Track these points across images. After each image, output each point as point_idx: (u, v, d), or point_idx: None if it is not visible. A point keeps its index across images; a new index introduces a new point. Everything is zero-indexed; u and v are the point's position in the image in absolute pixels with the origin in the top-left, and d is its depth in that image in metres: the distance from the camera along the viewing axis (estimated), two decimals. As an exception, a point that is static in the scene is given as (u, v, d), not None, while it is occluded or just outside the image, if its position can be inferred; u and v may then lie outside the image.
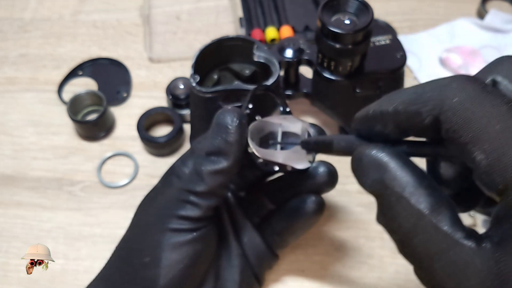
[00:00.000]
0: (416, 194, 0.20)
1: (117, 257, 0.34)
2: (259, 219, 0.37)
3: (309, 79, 0.44)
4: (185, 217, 0.31)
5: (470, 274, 0.19)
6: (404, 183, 0.21)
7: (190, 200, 0.31)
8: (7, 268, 0.41)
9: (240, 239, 0.36)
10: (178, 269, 0.31)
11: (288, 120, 0.33)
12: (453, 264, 0.19)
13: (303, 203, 0.35)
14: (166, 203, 0.32)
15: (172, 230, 0.31)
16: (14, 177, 0.47)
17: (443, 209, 0.20)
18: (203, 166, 0.30)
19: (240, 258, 0.36)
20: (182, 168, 0.33)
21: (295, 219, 0.35)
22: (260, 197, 0.37)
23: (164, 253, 0.30)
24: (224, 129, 0.30)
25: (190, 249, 0.31)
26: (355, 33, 0.37)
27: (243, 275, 0.35)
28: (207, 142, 0.31)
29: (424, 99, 0.21)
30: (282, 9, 0.56)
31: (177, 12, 0.59)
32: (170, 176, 0.33)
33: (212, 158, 0.30)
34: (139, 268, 0.31)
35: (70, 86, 0.53)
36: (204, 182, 0.30)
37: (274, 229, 0.36)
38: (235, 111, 0.31)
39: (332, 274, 0.41)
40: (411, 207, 0.20)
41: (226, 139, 0.30)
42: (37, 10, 0.60)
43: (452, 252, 0.19)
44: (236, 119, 0.30)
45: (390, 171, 0.21)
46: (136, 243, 0.32)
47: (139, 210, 0.34)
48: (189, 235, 0.31)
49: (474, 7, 0.59)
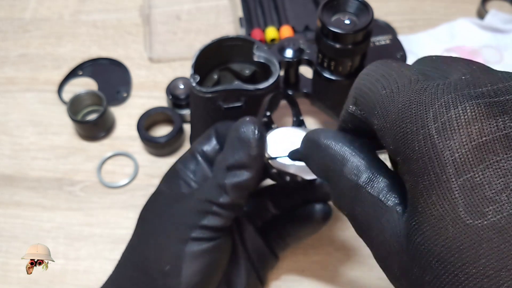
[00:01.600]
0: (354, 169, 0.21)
1: (129, 265, 0.33)
2: (261, 222, 0.38)
3: (309, 79, 0.44)
4: (208, 227, 0.31)
5: (394, 239, 0.18)
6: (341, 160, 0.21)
7: (213, 211, 0.31)
8: (7, 268, 0.41)
9: (244, 243, 0.36)
10: (199, 277, 0.31)
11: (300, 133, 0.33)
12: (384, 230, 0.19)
13: (312, 211, 0.35)
14: (185, 212, 0.32)
15: (194, 239, 0.31)
16: (14, 177, 0.47)
17: (379, 178, 0.20)
18: (226, 179, 0.30)
19: (246, 261, 0.36)
20: (186, 172, 0.33)
21: (303, 225, 0.36)
22: (264, 201, 0.38)
23: (185, 262, 0.30)
24: (246, 142, 0.30)
25: (209, 257, 0.31)
26: (355, 33, 0.37)
27: (249, 278, 0.36)
28: (228, 154, 0.31)
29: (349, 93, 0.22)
30: (282, 9, 0.56)
31: (177, 12, 0.59)
32: (176, 180, 0.33)
33: (234, 172, 0.30)
34: (158, 277, 0.31)
35: (70, 86, 0.53)
36: (227, 195, 0.30)
37: (279, 233, 0.37)
38: (255, 122, 0.30)
39: (332, 274, 0.41)
40: (350, 181, 0.21)
41: (249, 153, 0.30)
42: (37, 10, 0.60)
43: (384, 219, 0.19)
44: (257, 131, 0.30)
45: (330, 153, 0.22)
46: (152, 252, 0.32)
47: (146, 215, 0.34)
48: (209, 244, 0.31)
49: (474, 7, 0.59)
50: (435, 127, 0.16)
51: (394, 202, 0.19)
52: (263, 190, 0.38)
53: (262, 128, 0.31)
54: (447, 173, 0.16)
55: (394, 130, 0.18)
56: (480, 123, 0.16)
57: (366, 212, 0.20)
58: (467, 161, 0.16)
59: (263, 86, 0.38)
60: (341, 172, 0.21)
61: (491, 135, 0.16)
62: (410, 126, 0.17)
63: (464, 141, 0.16)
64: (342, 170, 0.21)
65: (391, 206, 0.19)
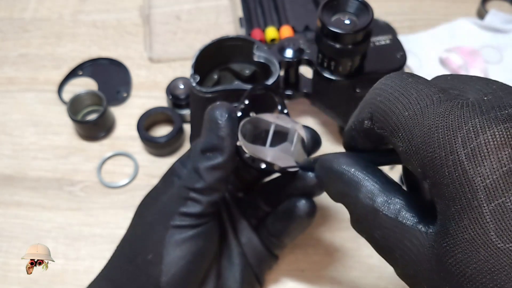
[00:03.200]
0: (369, 193, 0.21)
1: (119, 255, 0.34)
2: (256, 221, 0.37)
3: (309, 79, 0.44)
4: (187, 214, 0.31)
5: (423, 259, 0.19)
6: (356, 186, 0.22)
7: (191, 197, 0.31)
8: (7, 268, 0.41)
9: (239, 239, 0.36)
10: (180, 265, 0.31)
11: (282, 120, 0.33)
12: (409, 251, 0.19)
13: (293, 207, 0.35)
14: (167, 201, 0.32)
15: (175, 227, 0.31)
16: (14, 177, 0.47)
17: (395, 200, 0.20)
18: (200, 163, 0.31)
19: (241, 257, 0.36)
20: (182, 168, 0.33)
21: (288, 222, 0.35)
22: (256, 199, 0.38)
23: (166, 249, 0.31)
24: (215, 124, 0.31)
25: (192, 245, 0.31)
26: (355, 33, 0.37)
27: (244, 274, 0.36)
28: (201, 139, 0.31)
29: (363, 106, 0.22)
30: (282, 9, 0.56)
31: (177, 12, 0.59)
32: (171, 176, 0.33)
33: (207, 155, 0.31)
34: (142, 266, 0.31)
35: (70, 86, 0.53)
36: (203, 179, 0.31)
37: (269, 231, 0.36)
38: (224, 105, 0.31)
39: (332, 274, 0.41)
40: (366, 206, 0.21)
41: (218, 134, 0.30)
42: (37, 10, 0.60)
43: (406, 240, 0.19)
44: (225, 113, 0.31)
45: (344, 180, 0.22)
46: (139, 242, 0.33)
47: (140, 210, 0.35)
48: (191, 231, 0.31)
49: (474, 7, 0.59)
50: (465, 153, 0.17)
51: (414, 221, 0.20)
52: (255, 188, 0.38)
53: (232, 110, 0.31)
54: (479, 199, 0.16)
55: (421, 155, 0.18)
56: (510, 148, 0.16)
57: (386, 234, 0.20)
58: (498, 186, 0.16)
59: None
60: (357, 197, 0.22)
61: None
62: (438, 151, 0.17)
63: (494, 167, 0.16)
64: (357, 195, 0.21)
65: (411, 226, 0.19)
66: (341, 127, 0.48)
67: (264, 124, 0.33)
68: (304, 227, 0.36)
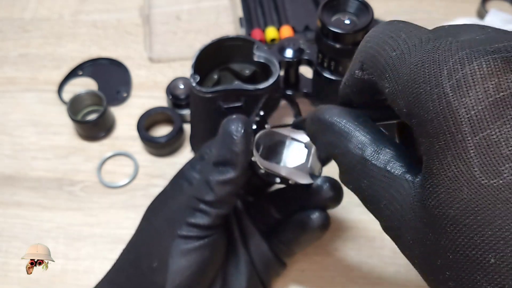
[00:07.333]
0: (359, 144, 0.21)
1: (124, 260, 0.33)
2: (265, 227, 0.37)
3: (309, 79, 0.44)
4: (195, 225, 0.31)
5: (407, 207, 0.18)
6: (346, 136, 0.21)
7: (200, 208, 0.31)
8: (7, 268, 0.41)
9: (247, 246, 0.36)
10: (186, 275, 0.31)
11: (297, 134, 0.33)
12: (394, 200, 0.19)
13: (308, 219, 0.34)
14: (176, 209, 0.32)
15: (181, 237, 0.31)
16: (14, 177, 0.47)
17: (385, 150, 0.20)
18: (211, 176, 0.30)
19: (248, 265, 0.35)
20: (192, 172, 0.33)
21: (301, 233, 0.35)
22: (267, 205, 0.37)
23: (172, 258, 0.30)
24: (230, 138, 0.30)
25: (198, 255, 0.31)
26: (355, 33, 0.37)
27: (250, 282, 0.35)
28: (214, 151, 0.31)
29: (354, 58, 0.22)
30: (282, 9, 0.56)
31: (177, 12, 0.59)
32: (180, 180, 0.33)
33: (220, 168, 0.30)
34: (147, 273, 0.31)
35: (70, 86, 0.53)
36: (213, 192, 0.30)
37: (280, 239, 0.36)
38: (241, 119, 0.30)
39: (332, 274, 0.41)
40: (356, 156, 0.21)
41: (232, 149, 0.30)
42: (37, 10, 0.60)
43: (393, 189, 0.19)
44: (241, 128, 0.30)
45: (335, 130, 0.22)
46: (145, 248, 0.32)
47: (148, 214, 0.34)
48: (197, 242, 0.31)
49: (474, 7, 0.59)
50: (450, 84, 0.16)
51: (402, 171, 0.19)
52: (267, 195, 0.38)
53: (249, 125, 0.31)
54: (463, 131, 0.15)
55: (407, 92, 0.17)
56: (497, 78, 0.15)
57: (373, 184, 0.20)
58: (483, 118, 0.15)
59: (263, 86, 0.38)
60: (346, 148, 0.21)
61: (509, 90, 0.15)
62: (423, 86, 0.17)
63: (480, 97, 0.15)
64: (347, 146, 0.21)
65: (399, 175, 0.19)
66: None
67: (278, 135, 0.33)
68: (316, 238, 0.36)
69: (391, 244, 0.22)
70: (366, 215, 0.43)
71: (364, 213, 0.43)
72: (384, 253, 0.41)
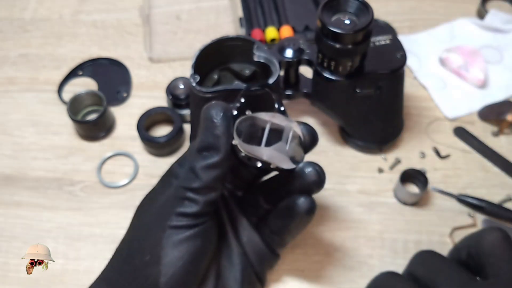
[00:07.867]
0: None
1: (118, 257, 0.34)
2: (256, 219, 0.37)
3: (309, 79, 0.44)
4: (184, 214, 0.31)
5: None
6: None
7: (187, 197, 0.31)
8: (7, 268, 0.41)
9: (239, 238, 0.36)
10: (179, 266, 0.31)
11: (277, 118, 0.33)
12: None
13: (293, 204, 0.34)
14: (165, 202, 0.32)
15: (172, 228, 0.31)
16: (14, 177, 0.47)
17: None
18: (196, 162, 0.31)
19: (241, 256, 0.36)
20: (179, 169, 0.33)
21: (288, 219, 0.35)
22: (256, 197, 0.38)
23: (164, 250, 0.31)
24: (210, 122, 0.31)
25: (190, 245, 0.31)
26: (355, 33, 0.37)
27: (244, 274, 0.35)
28: (197, 139, 0.31)
29: None
30: (282, 9, 0.56)
31: (177, 12, 0.59)
32: (168, 177, 0.33)
33: (203, 154, 0.31)
34: (140, 267, 0.31)
35: (70, 86, 0.53)
36: (199, 178, 0.31)
37: (271, 228, 0.36)
38: (219, 104, 0.31)
39: (332, 274, 0.41)
40: None
41: (213, 132, 0.30)
42: (37, 10, 0.60)
43: None
44: (220, 112, 0.31)
45: None
46: (137, 243, 0.33)
47: (138, 211, 0.35)
48: (188, 232, 0.31)
49: (474, 7, 0.59)
50: None
51: None
52: (255, 187, 0.38)
53: (228, 109, 0.31)
54: None
55: None
56: None
57: None
58: None
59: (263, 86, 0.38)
60: None
61: None
62: None
63: None
64: None
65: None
66: (341, 127, 0.48)
67: (260, 122, 0.33)
68: (304, 224, 0.36)
69: (391, 244, 0.22)
70: (366, 215, 0.44)
71: (364, 213, 0.44)
72: (384, 253, 0.41)
